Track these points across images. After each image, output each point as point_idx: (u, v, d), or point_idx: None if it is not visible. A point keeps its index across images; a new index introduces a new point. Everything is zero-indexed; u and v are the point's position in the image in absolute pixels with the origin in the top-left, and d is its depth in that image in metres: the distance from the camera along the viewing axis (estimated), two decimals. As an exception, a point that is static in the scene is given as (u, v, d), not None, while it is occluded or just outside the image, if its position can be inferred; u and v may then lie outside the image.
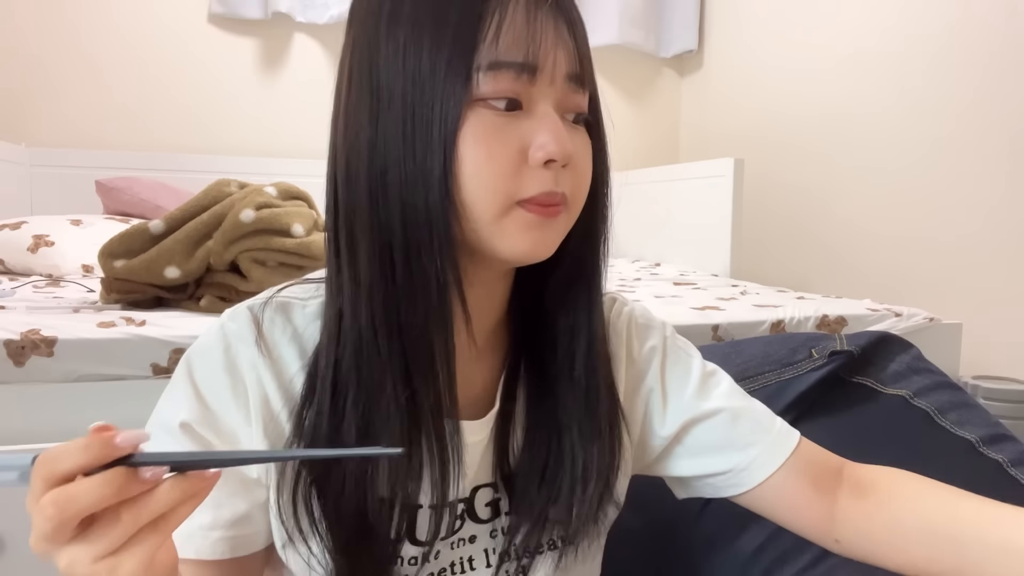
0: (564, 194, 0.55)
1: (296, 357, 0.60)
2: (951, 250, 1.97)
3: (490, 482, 0.63)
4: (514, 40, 0.51)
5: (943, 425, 0.80)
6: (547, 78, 0.53)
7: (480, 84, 0.51)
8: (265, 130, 2.73)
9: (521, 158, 0.53)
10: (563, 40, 0.53)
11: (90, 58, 2.56)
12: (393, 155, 0.53)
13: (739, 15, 2.90)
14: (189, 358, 0.60)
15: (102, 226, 2.03)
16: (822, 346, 0.88)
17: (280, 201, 1.41)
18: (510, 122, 0.53)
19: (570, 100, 0.55)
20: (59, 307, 1.35)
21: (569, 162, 0.54)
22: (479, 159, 0.52)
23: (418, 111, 0.52)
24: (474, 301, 0.58)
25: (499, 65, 0.51)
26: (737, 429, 0.66)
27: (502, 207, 0.53)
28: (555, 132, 0.52)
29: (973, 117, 1.90)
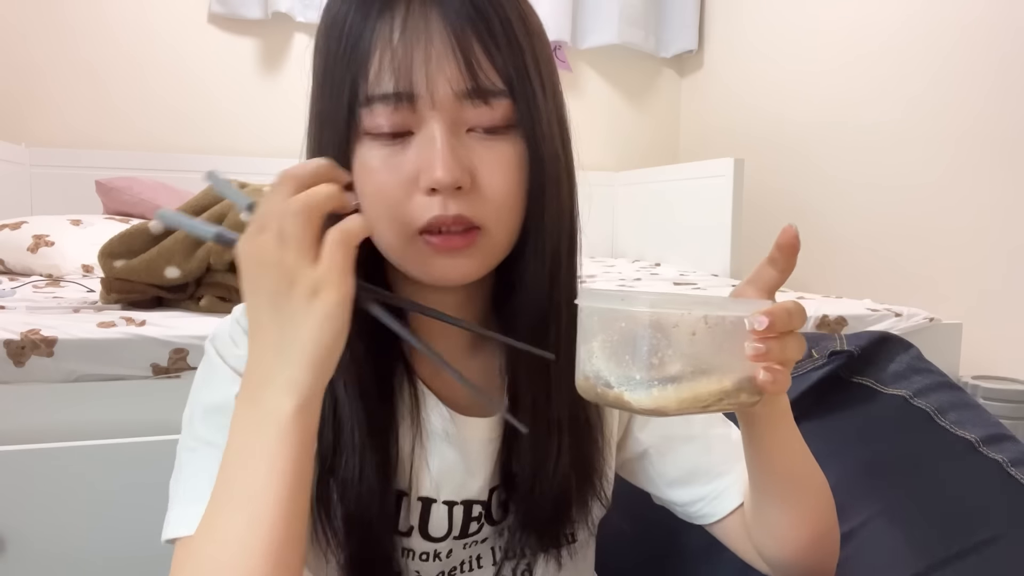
0: (464, 217, 0.52)
1: None
2: (951, 250, 1.97)
3: (502, 483, 0.64)
4: (384, 69, 0.51)
5: (943, 425, 0.80)
6: (427, 103, 0.51)
7: (363, 119, 0.52)
8: (265, 130, 2.73)
9: (412, 186, 0.52)
10: (447, 57, 0.51)
11: (90, 58, 2.56)
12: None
13: (739, 15, 2.90)
14: (216, 345, 0.60)
15: (102, 226, 2.03)
16: (822, 346, 0.88)
17: (280, 201, 1.41)
18: (398, 151, 0.52)
19: (470, 115, 0.53)
20: (59, 307, 1.35)
21: (463, 184, 0.52)
22: (368, 192, 0.53)
23: (327, 144, 0.54)
24: (441, 305, 0.58)
25: (373, 99, 0.51)
26: (712, 457, 0.67)
27: (403, 236, 0.53)
28: (437, 158, 0.51)
29: (973, 117, 1.90)
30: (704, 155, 2.92)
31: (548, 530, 0.63)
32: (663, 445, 0.68)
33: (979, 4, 1.88)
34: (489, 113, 0.53)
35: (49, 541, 1.05)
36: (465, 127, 0.53)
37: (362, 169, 0.53)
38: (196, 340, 1.12)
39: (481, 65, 0.52)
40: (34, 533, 1.05)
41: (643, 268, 2.54)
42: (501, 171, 0.54)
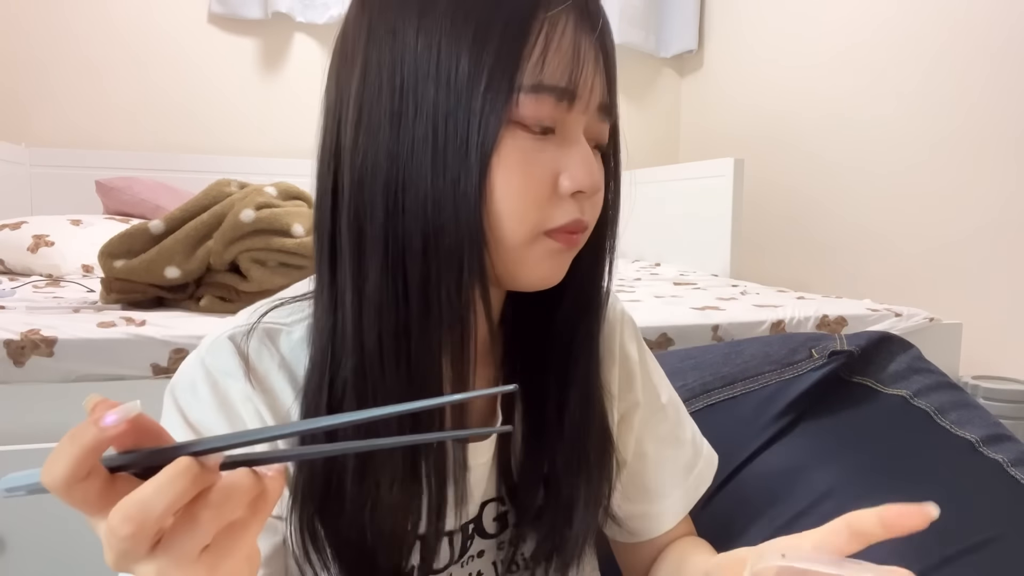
0: (588, 224, 0.54)
1: (288, 387, 0.55)
2: (951, 250, 1.97)
3: (496, 496, 0.61)
4: (559, 63, 0.49)
5: (943, 425, 0.80)
6: (583, 105, 0.51)
7: (521, 105, 0.48)
8: (265, 130, 2.74)
9: (552, 186, 0.51)
10: (596, 67, 0.51)
11: (90, 58, 2.56)
12: (419, 168, 0.48)
13: (739, 15, 2.90)
14: (176, 396, 0.55)
15: (102, 226, 2.03)
16: (822, 346, 0.88)
17: (280, 201, 1.41)
18: (543, 147, 0.50)
19: (597, 130, 0.53)
20: (59, 307, 1.35)
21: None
22: (512, 184, 0.49)
23: (451, 124, 0.48)
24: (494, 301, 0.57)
25: (542, 88, 0.48)
26: (659, 478, 0.69)
27: (530, 235, 0.51)
28: (588, 163, 0.51)
29: (974, 116, 1.90)
30: (704, 155, 2.92)
31: (555, 539, 0.60)
32: (635, 463, 0.69)
33: (992, 10, 1.88)
34: (605, 131, 0.54)
35: (49, 541, 1.05)
36: (591, 138, 0.53)
37: (506, 161, 0.49)
38: (196, 340, 1.12)
39: (612, 83, 0.53)
40: (34, 533, 1.05)
41: (643, 268, 2.54)
42: (602, 188, 0.55)
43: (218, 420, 0.53)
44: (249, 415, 0.54)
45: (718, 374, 0.89)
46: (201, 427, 0.53)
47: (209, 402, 0.53)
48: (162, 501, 0.32)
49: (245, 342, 0.55)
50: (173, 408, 0.54)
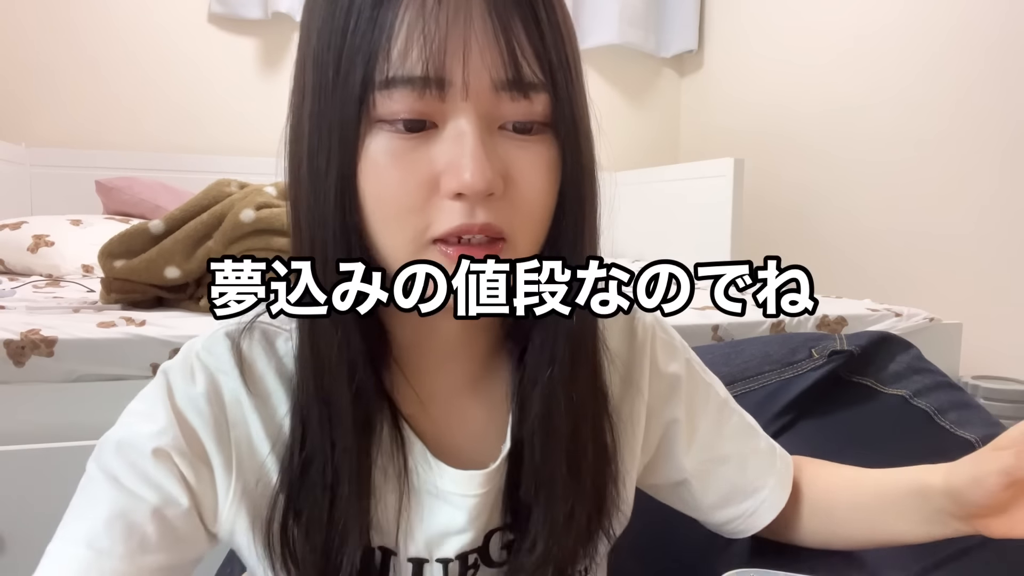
0: (492, 226, 0.45)
1: (284, 394, 0.53)
2: (952, 250, 1.97)
3: (503, 525, 0.57)
4: (413, 46, 0.42)
5: (943, 425, 0.80)
6: (459, 92, 0.43)
7: (376, 104, 0.43)
8: (265, 130, 2.73)
9: (431, 188, 0.44)
10: (486, 40, 0.43)
11: (90, 58, 2.56)
12: (304, 179, 0.47)
13: (739, 15, 2.90)
14: (168, 377, 0.52)
15: (102, 226, 2.03)
16: (822, 346, 0.88)
17: (280, 201, 1.41)
18: (417, 145, 0.44)
19: (506, 109, 0.45)
20: (59, 307, 1.35)
21: (495, 190, 0.44)
22: (378, 190, 0.45)
23: (318, 130, 0.45)
24: (434, 336, 0.52)
25: (393, 82, 0.43)
26: (747, 475, 0.65)
27: (413, 244, 0.45)
28: (466, 158, 0.43)
29: (974, 116, 1.90)
30: (704, 155, 2.91)
31: (558, 568, 0.56)
32: (702, 470, 0.65)
33: (991, 7, 1.88)
34: (528, 108, 0.45)
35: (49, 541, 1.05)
36: (498, 123, 0.46)
37: (371, 164, 0.44)
38: (196, 340, 1.12)
39: (525, 53, 0.44)
40: (34, 533, 1.04)
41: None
42: (536, 175, 0.47)
43: (205, 411, 0.51)
44: (235, 418, 0.52)
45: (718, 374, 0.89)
46: (186, 412, 0.51)
47: (201, 391, 0.51)
48: None
49: (241, 339, 0.53)
50: (162, 385, 0.52)
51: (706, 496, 0.66)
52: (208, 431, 0.51)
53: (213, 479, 0.51)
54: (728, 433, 0.66)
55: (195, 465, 0.50)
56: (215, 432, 0.51)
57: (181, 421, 0.51)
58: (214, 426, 0.51)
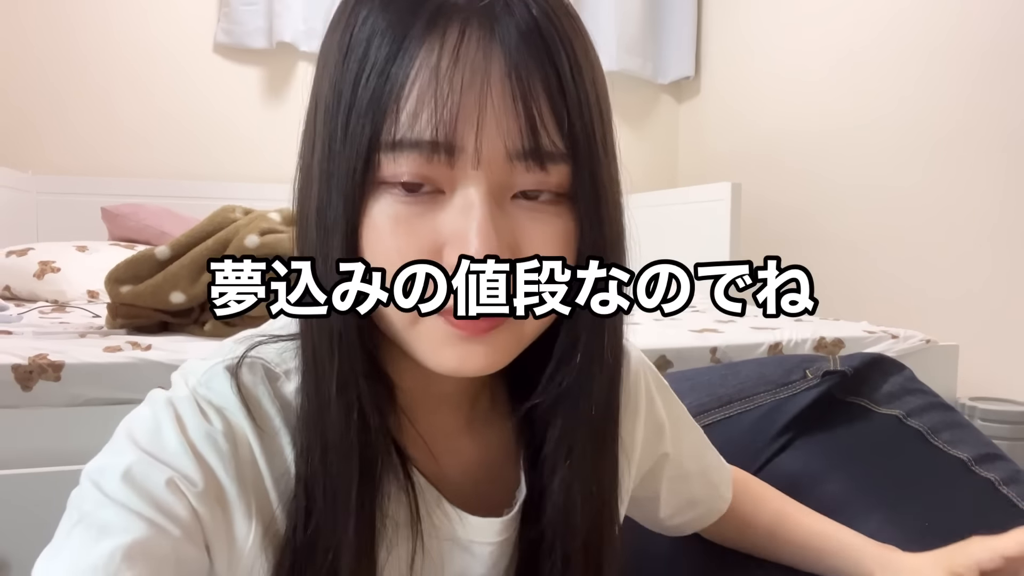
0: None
1: (288, 439, 0.48)
2: (949, 272, 1.99)
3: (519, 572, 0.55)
4: (423, 108, 0.40)
5: (936, 444, 0.82)
6: (470, 160, 0.40)
7: (382, 165, 0.41)
8: (270, 157, 2.77)
9: (434, 256, 0.42)
10: (504, 107, 0.40)
11: (96, 86, 2.60)
12: (311, 229, 0.44)
13: (735, 41, 2.95)
14: (177, 409, 0.46)
15: (107, 252, 2.06)
16: (816, 366, 0.89)
17: (284, 227, 1.44)
18: (424, 210, 0.42)
19: (518, 180, 0.42)
20: (65, 332, 1.37)
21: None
22: (379, 254, 0.42)
23: (327, 185, 0.43)
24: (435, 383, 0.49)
25: (400, 145, 0.40)
26: (701, 487, 0.70)
27: (411, 316, 0.43)
28: (474, 230, 0.40)
29: (971, 139, 1.93)
30: (702, 179, 2.95)
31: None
32: (669, 487, 0.69)
33: (985, 22, 1.92)
34: (543, 179, 0.42)
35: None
36: (511, 192, 0.43)
37: (373, 228, 0.42)
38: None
39: (545, 121, 0.41)
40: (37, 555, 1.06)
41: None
42: (548, 249, 0.43)
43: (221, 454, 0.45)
44: (248, 459, 0.47)
45: (714, 395, 0.91)
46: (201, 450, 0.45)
47: (218, 431, 0.46)
48: None
49: (243, 375, 0.48)
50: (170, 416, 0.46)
51: (666, 508, 0.70)
52: (228, 472, 0.45)
53: (231, 524, 0.45)
54: (690, 452, 0.69)
55: (211, 507, 0.44)
56: (236, 472, 0.46)
57: (198, 458, 0.45)
58: (235, 465, 0.46)
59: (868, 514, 0.77)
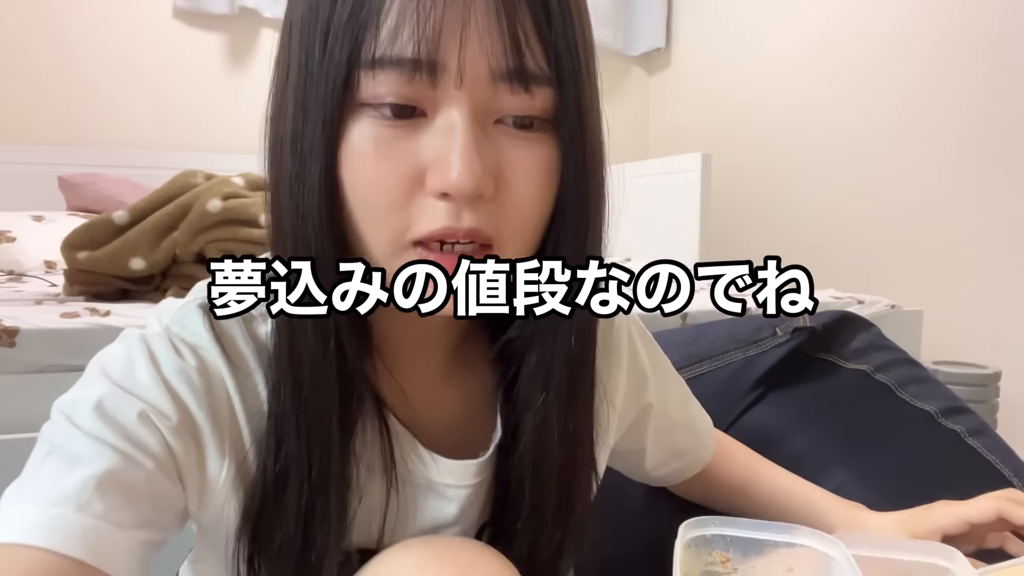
0: (479, 231, 0.41)
1: (263, 380, 0.48)
2: (912, 240, 2.02)
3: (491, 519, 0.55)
4: (405, 24, 0.39)
5: (903, 398, 0.83)
6: (452, 79, 0.40)
7: (361, 85, 0.40)
8: (233, 126, 2.70)
9: (415, 183, 0.41)
10: (487, 24, 0.39)
11: (51, 54, 2.51)
12: (286, 160, 0.43)
13: (706, 13, 2.94)
14: (150, 345, 0.46)
15: (65, 222, 1.99)
16: (786, 324, 0.90)
17: (248, 191, 1.40)
18: (404, 134, 0.41)
19: (504, 102, 0.41)
20: (21, 299, 1.33)
21: (485, 192, 0.41)
22: (358, 181, 0.41)
23: (303, 109, 0.41)
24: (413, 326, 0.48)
25: (381, 62, 0.39)
26: (686, 438, 0.71)
27: (391, 245, 0.42)
28: (455, 154, 0.39)
29: (938, 108, 1.95)
30: (673, 151, 2.95)
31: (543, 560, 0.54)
32: (655, 439, 0.69)
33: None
34: (528, 102, 0.42)
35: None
36: (495, 116, 0.42)
37: (352, 153, 0.41)
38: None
39: (529, 40, 0.40)
40: None
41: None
42: (532, 178, 0.43)
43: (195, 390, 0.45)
44: (223, 396, 0.47)
45: (685, 353, 0.91)
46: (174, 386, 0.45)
47: (191, 367, 0.45)
48: None
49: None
50: (143, 353, 0.45)
51: (652, 459, 0.70)
52: (202, 408, 0.45)
53: (204, 459, 0.46)
54: (676, 402, 0.69)
55: (185, 441, 0.44)
56: (209, 408, 0.46)
57: (172, 393, 0.45)
58: (208, 401, 0.46)
59: (836, 466, 0.77)
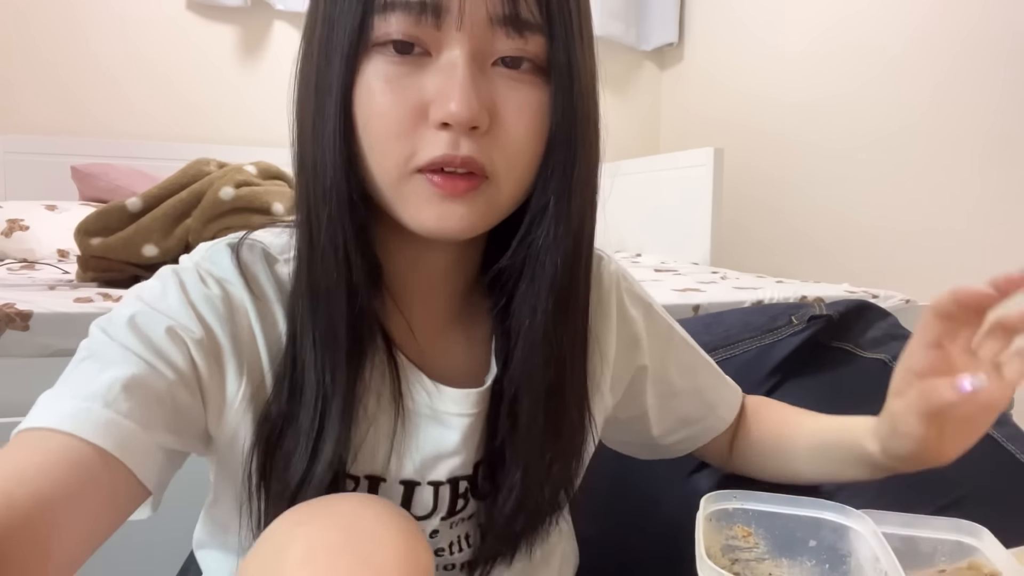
0: (474, 160, 0.46)
1: (282, 314, 0.53)
2: (928, 235, 2.00)
3: (485, 456, 0.58)
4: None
5: (921, 387, 0.81)
6: (454, 21, 0.45)
7: (375, 26, 0.45)
8: (244, 118, 2.71)
9: (419, 115, 0.46)
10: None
11: (65, 45, 2.52)
12: (309, 99, 0.49)
13: (719, 8, 2.92)
14: (180, 276, 0.51)
15: (77, 211, 2.00)
16: (801, 312, 0.88)
17: (260, 180, 1.40)
18: (410, 71, 0.46)
19: (499, 44, 0.46)
20: (34, 284, 1.33)
21: (480, 124, 0.46)
22: (369, 113, 0.46)
23: (325, 53, 0.47)
24: (421, 266, 0.55)
25: (391, 5, 0.44)
26: (695, 406, 0.70)
27: (398, 171, 0.47)
28: (454, 88, 0.44)
29: (952, 104, 1.93)
30: (684, 146, 2.93)
31: (533, 504, 0.57)
32: (658, 404, 0.69)
33: None
34: (521, 46, 0.46)
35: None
36: (491, 58, 0.47)
37: (365, 88, 0.46)
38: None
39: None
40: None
41: (624, 257, 2.55)
42: (524, 115, 0.47)
43: (218, 314, 0.50)
44: (244, 325, 0.52)
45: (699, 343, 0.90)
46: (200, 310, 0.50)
47: (215, 295, 0.50)
48: None
49: (243, 252, 0.53)
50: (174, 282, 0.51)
51: (658, 426, 0.69)
52: (224, 331, 0.50)
53: (223, 378, 0.51)
54: (679, 369, 0.69)
55: (207, 359, 0.49)
56: (231, 333, 0.51)
57: (198, 315, 0.50)
58: (230, 327, 0.51)
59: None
